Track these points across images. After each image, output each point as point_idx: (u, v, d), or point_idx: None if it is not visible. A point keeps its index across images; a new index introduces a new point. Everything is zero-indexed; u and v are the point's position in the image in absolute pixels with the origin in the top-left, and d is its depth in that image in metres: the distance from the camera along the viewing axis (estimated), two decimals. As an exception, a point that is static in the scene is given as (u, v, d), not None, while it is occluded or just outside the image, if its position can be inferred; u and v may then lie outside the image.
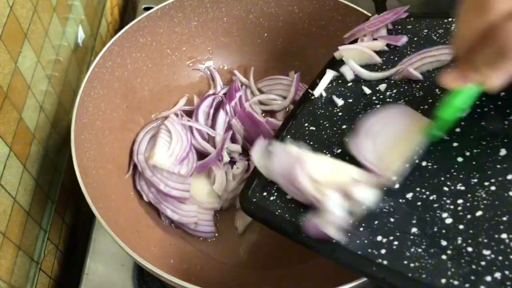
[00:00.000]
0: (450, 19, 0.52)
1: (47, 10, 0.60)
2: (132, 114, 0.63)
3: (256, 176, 0.45)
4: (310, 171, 0.39)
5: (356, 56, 0.52)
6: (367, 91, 0.50)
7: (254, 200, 0.43)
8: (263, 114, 0.70)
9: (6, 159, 0.50)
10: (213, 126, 0.65)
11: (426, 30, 0.52)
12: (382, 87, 0.49)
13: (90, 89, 0.56)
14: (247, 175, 0.62)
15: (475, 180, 0.38)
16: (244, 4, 0.67)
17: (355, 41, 0.56)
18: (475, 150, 0.40)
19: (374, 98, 0.48)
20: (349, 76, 0.52)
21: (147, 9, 0.81)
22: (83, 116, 0.54)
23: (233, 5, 0.67)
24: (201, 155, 0.64)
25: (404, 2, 0.79)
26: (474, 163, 0.39)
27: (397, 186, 0.40)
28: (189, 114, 0.67)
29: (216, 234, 0.60)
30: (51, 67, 0.62)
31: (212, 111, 0.67)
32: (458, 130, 0.42)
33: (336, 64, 0.54)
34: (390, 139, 0.41)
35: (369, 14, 0.62)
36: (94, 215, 0.47)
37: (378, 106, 0.47)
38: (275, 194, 0.42)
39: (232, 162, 0.64)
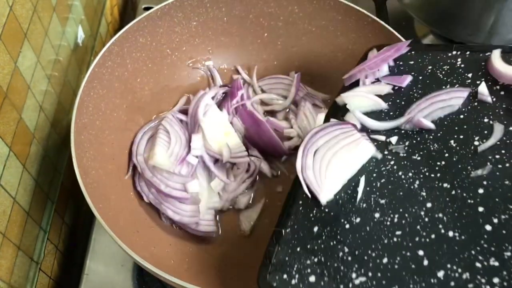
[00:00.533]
0: (454, 53, 0.48)
1: (47, 10, 0.60)
2: (132, 114, 0.63)
3: (272, 255, 0.41)
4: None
5: (360, 102, 0.48)
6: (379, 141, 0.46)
7: (275, 285, 0.39)
8: (264, 113, 0.70)
9: (6, 159, 0.50)
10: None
11: (430, 67, 0.48)
12: (394, 139, 0.44)
13: (90, 89, 0.56)
14: (247, 175, 0.62)
15: (509, 254, 0.34)
16: (244, 4, 0.67)
17: (356, 82, 0.51)
18: (503, 216, 0.36)
19: (386, 152, 0.44)
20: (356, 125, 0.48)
21: (147, 9, 0.80)
22: (83, 116, 0.54)
23: (233, 5, 0.67)
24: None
25: (405, 3, 0.79)
26: (504, 232, 0.35)
27: (395, 239, 0.37)
28: (189, 114, 0.67)
29: (220, 233, 0.60)
30: (51, 67, 0.62)
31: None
32: (481, 191, 0.38)
33: (339, 110, 0.49)
34: (328, 157, 0.43)
35: (369, 14, 0.62)
36: (94, 215, 0.47)
37: (392, 162, 0.43)
38: (296, 276, 0.39)
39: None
